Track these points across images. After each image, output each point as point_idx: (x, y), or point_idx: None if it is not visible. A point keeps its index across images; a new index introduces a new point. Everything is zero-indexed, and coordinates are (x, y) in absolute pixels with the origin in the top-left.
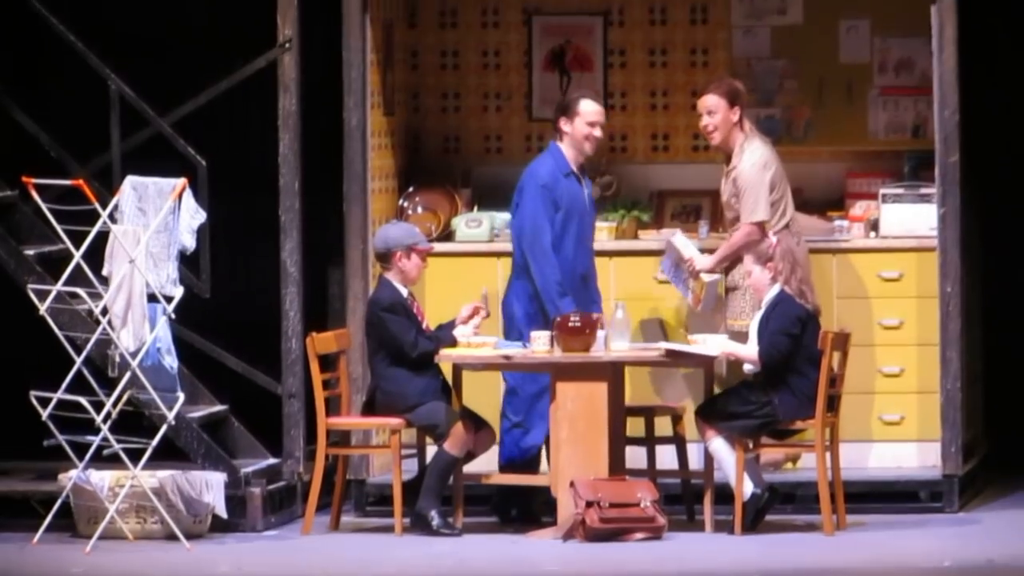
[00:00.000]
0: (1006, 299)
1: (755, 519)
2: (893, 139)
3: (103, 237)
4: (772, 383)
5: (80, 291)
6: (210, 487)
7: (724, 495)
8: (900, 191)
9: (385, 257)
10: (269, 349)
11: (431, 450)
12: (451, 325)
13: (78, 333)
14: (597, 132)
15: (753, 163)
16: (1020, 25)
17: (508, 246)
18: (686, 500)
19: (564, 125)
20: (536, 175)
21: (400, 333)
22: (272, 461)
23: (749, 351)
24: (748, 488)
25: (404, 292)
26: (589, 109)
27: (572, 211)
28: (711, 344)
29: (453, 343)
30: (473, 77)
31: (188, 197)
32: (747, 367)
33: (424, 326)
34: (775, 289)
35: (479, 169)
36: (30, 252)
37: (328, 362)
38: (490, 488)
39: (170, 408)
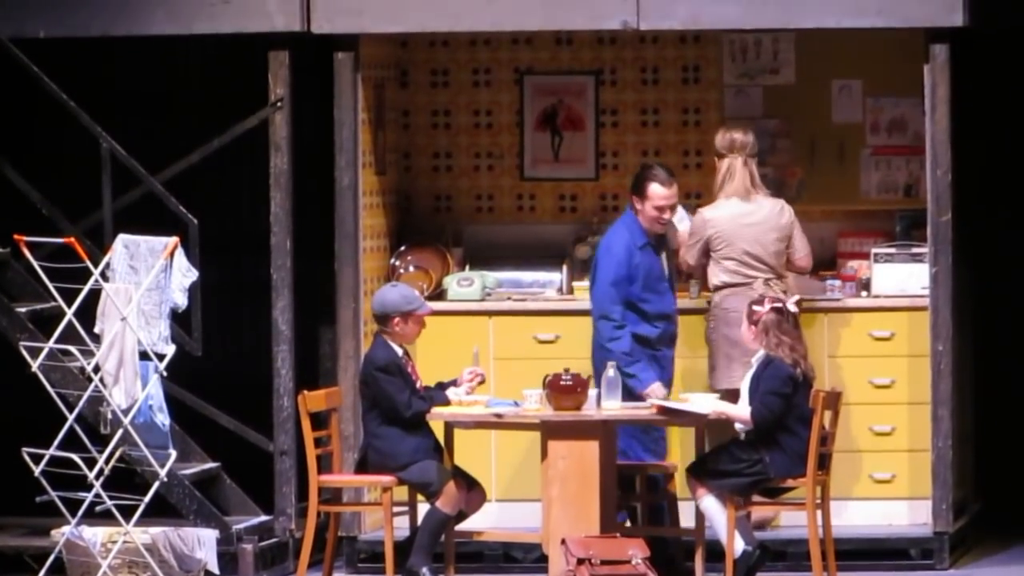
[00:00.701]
0: (997, 359)
1: None
2: (885, 199)
3: (95, 295)
4: (763, 441)
5: (72, 348)
6: (202, 543)
7: (715, 553)
8: (892, 251)
9: (383, 320)
10: (261, 407)
11: (423, 508)
12: (450, 384)
13: (70, 390)
14: (666, 216)
15: (701, 213)
16: (1012, 85)
17: (498, 304)
18: (677, 558)
19: (636, 203)
20: (610, 250)
21: (394, 393)
22: (264, 518)
23: (740, 411)
24: (739, 546)
25: (399, 351)
26: (657, 193)
27: (649, 282)
28: (702, 403)
29: (446, 403)
30: (465, 137)
31: (180, 256)
32: (738, 426)
33: (419, 385)
34: (762, 350)
35: (471, 228)
36: (22, 310)
37: (320, 420)
38: (481, 545)
39: (162, 465)
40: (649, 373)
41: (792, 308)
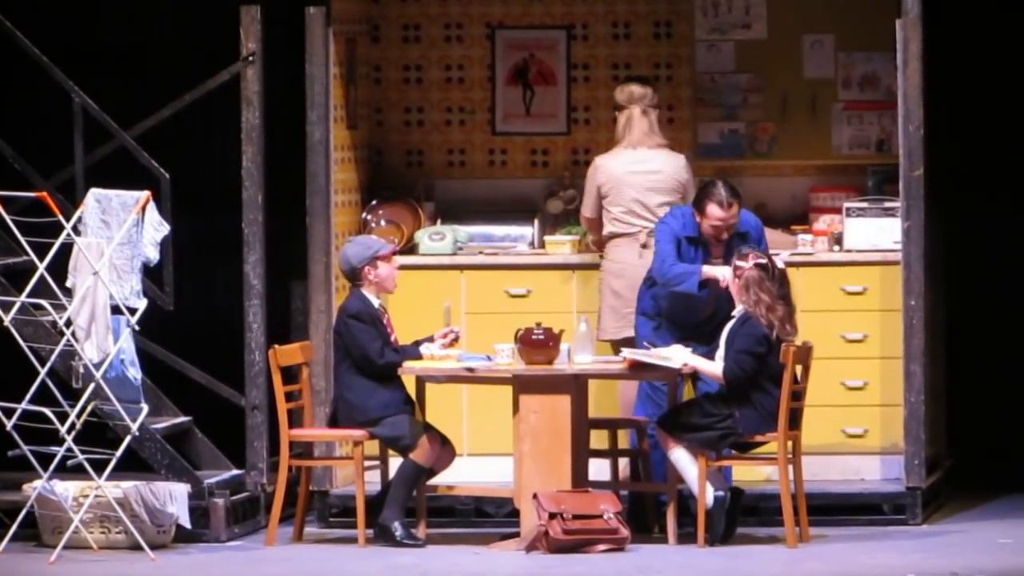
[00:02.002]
0: (970, 314)
1: (728, 527)
2: (857, 154)
3: (67, 249)
4: (735, 398)
5: (44, 303)
6: (174, 498)
7: (688, 508)
8: (864, 205)
9: (355, 275)
10: (232, 361)
11: (394, 462)
12: (425, 342)
13: (42, 345)
14: (723, 236)
15: (595, 161)
16: (984, 40)
17: (470, 259)
18: (649, 512)
19: (696, 215)
20: (665, 221)
21: (366, 341)
22: (235, 472)
23: (713, 367)
24: (710, 494)
25: (376, 303)
26: (714, 214)
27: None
28: (675, 356)
29: (418, 358)
30: (436, 91)
31: (152, 210)
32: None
33: (393, 339)
34: (741, 306)
35: (442, 183)
36: None
37: (291, 374)
38: (453, 499)
39: (134, 419)
40: (689, 266)
41: (779, 264)
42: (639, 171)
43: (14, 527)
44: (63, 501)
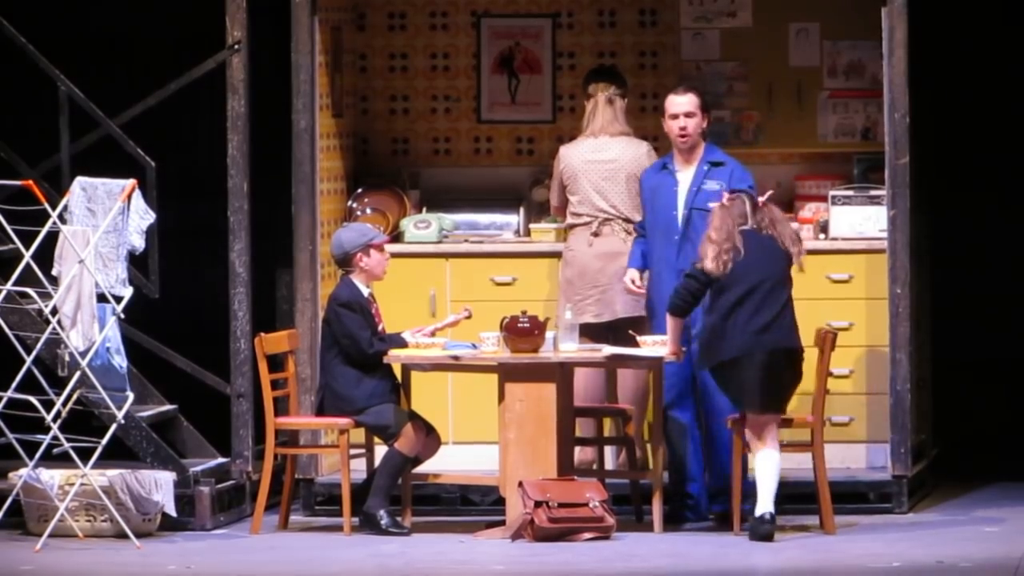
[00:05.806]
0: (955, 303)
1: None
2: (843, 142)
3: (53, 237)
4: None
5: (30, 291)
6: (159, 486)
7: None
8: (850, 193)
9: (345, 261)
10: (218, 349)
11: (380, 450)
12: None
13: (28, 333)
14: (679, 123)
15: (560, 149)
16: (970, 27)
17: (456, 247)
18: (635, 501)
19: (664, 123)
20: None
21: (356, 330)
22: (221, 460)
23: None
24: (770, 503)
25: (365, 292)
26: (668, 103)
27: (654, 204)
28: (659, 346)
29: (403, 346)
30: (422, 80)
31: (137, 198)
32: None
33: (380, 329)
34: None
35: (428, 171)
36: None
37: (277, 363)
38: (438, 488)
39: (119, 407)
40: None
41: (763, 199)
42: (595, 160)
43: None
44: (49, 489)
